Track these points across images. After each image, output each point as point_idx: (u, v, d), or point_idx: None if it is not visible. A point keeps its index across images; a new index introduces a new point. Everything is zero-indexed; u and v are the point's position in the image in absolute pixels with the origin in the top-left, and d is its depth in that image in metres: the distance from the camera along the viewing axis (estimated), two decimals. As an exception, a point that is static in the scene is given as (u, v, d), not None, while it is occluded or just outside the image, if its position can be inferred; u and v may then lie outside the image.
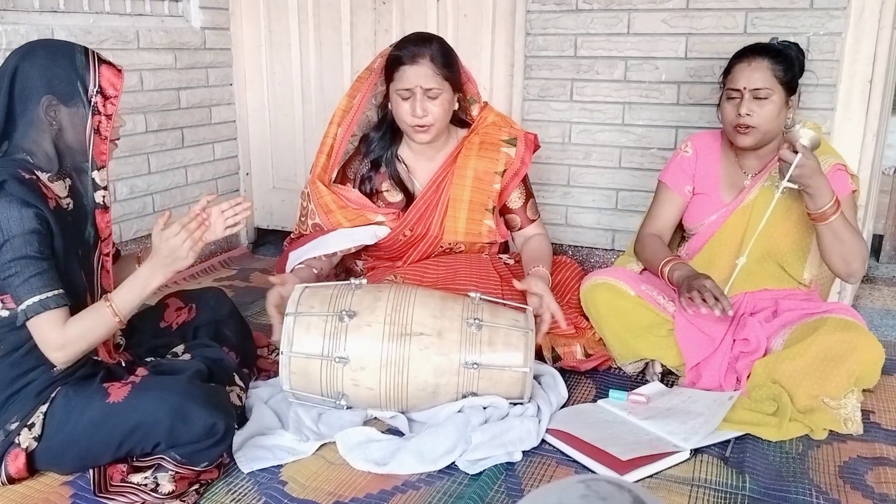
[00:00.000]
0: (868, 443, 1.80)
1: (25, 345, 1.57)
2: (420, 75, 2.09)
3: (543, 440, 1.79)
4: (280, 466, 1.68)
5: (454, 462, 1.70)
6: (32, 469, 1.59)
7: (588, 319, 2.19)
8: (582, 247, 2.90)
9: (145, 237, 2.92)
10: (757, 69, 2.01)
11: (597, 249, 2.88)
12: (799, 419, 1.83)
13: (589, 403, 1.99)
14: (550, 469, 1.70)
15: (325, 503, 1.57)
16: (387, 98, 2.24)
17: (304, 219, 2.31)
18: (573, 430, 1.79)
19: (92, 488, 1.55)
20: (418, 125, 2.13)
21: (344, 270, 2.40)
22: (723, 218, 2.17)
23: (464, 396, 1.83)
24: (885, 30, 2.33)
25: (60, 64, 1.57)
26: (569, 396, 2.00)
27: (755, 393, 1.92)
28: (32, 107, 1.55)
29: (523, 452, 1.74)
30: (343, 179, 2.34)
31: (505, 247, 2.44)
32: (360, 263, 2.39)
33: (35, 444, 1.55)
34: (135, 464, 1.60)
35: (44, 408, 1.56)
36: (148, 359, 1.80)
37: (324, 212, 2.25)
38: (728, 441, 1.78)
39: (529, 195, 2.35)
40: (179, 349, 1.86)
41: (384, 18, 3.04)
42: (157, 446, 1.55)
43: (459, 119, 2.31)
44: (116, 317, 1.57)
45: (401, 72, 2.11)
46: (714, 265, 2.12)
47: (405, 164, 2.30)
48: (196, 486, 1.58)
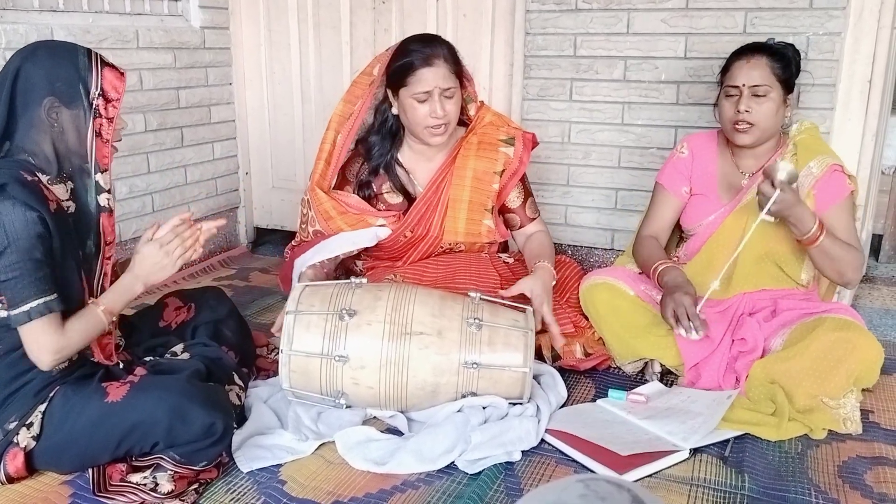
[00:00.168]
0: (867, 442, 1.81)
1: (24, 345, 1.57)
2: (439, 76, 2.08)
3: (543, 440, 1.79)
4: (279, 466, 1.68)
5: (453, 462, 1.70)
6: (31, 468, 1.59)
7: (587, 319, 2.19)
8: (581, 246, 2.90)
9: (144, 237, 2.91)
10: (756, 66, 2.02)
11: (596, 249, 2.88)
12: (798, 419, 1.83)
13: (588, 403, 1.99)
14: (550, 469, 1.70)
15: (325, 502, 1.57)
16: (384, 102, 2.23)
17: (305, 226, 2.31)
18: (572, 430, 1.79)
19: (91, 488, 1.55)
20: (435, 126, 2.12)
21: (344, 270, 2.39)
22: (721, 219, 2.17)
23: (463, 396, 1.83)
24: (885, 29, 2.33)
25: (63, 66, 1.57)
26: (568, 396, 2.00)
27: (754, 393, 1.92)
28: (34, 108, 1.55)
29: (522, 452, 1.74)
30: (342, 182, 2.33)
31: (504, 246, 2.44)
32: (360, 263, 2.39)
33: (34, 444, 1.55)
34: (134, 463, 1.60)
35: (42, 407, 1.56)
36: (147, 358, 1.80)
37: (324, 218, 2.24)
38: (727, 441, 1.78)
39: (528, 194, 2.35)
40: (178, 348, 1.86)
41: (384, 18, 3.04)
42: (156, 446, 1.55)
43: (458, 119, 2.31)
44: (111, 315, 1.63)
45: (416, 75, 2.08)
46: (712, 266, 2.12)
47: (405, 168, 2.30)
48: (195, 486, 1.58)
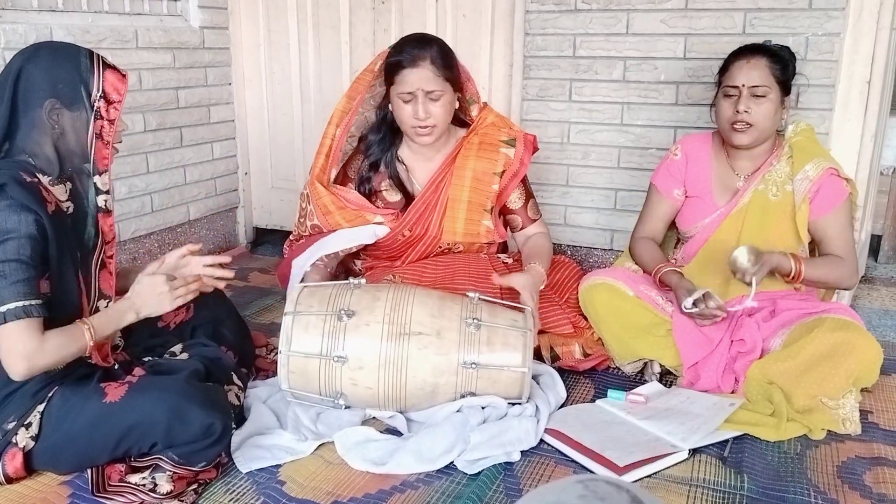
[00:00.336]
0: (866, 443, 1.81)
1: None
2: (422, 78, 2.09)
3: (542, 440, 1.79)
4: (278, 466, 1.68)
5: (453, 462, 1.70)
6: (30, 469, 1.58)
7: (586, 319, 2.19)
8: (580, 247, 2.90)
9: (143, 237, 2.91)
10: (756, 67, 2.02)
11: (595, 249, 2.88)
12: (797, 419, 1.83)
13: (587, 403, 1.99)
14: (549, 469, 1.70)
15: (324, 503, 1.57)
16: (385, 99, 2.24)
17: (303, 220, 2.31)
18: (571, 433, 1.79)
19: (90, 488, 1.55)
20: (420, 127, 2.13)
21: (343, 270, 2.40)
22: (717, 222, 2.17)
23: (462, 396, 1.83)
24: (884, 30, 2.33)
25: (65, 67, 1.56)
26: (567, 396, 2.00)
27: (752, 393, 1.92)
28: (35, 109, 1.55)
29: (522, 452, 1.74)
30: (344, 179, 2.34)
31: (503, 246, 2.44)
32: (359, 263, 2.39)
33: (32, 444, 1.55)
34: (133, 464, 1.60)
35: (41, 407, 1.56)
36: (145, 358, 1.80)
37: (322, 213, 2.25)
38: (726, 441, 1.78)
39: (529, 195, 2.35)
40: (177, 349, 1.86)
41: (383, 18, 3.03)
42: (155, 446, 1.55)
43: (459, 119, 2.31)
44: (91, 342, 1.55)
45: (401, 75, 2.10)
46: (709, 269, 2.12)
47: (404, 165, 2.30)
48: (194, 486, 1.58)
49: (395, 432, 1.83)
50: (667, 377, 2.12)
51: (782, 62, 2.04)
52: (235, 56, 3.28)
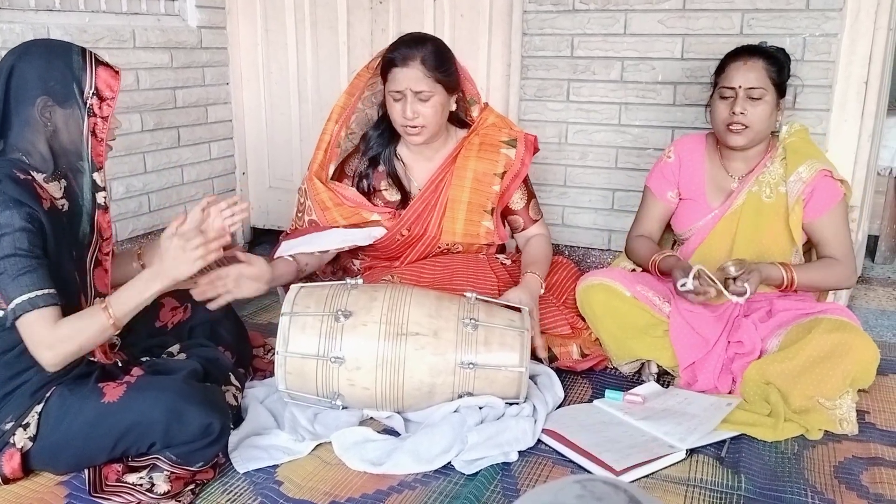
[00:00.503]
0: (863, 443, 1.81)
1: (20, 345, 1.56)
2: (410, 78, 2.09)
3: (539, 440, 1.79)
4: (276, 466, 1.68)
5: (450, 462, 1.70)
6: (27, 469, 1.58)
7: (584, 319, 2.19)
8: (578, 247, 2.90)
9: (141, 236, 2.91)
10: (752, 69, 2.02)
11: (593, 250, 2.88)
12: (794, 419, 1.83)
13: (585, 403, 1.99)
14: (546, 469, 1.70)
15: (321, 503, 1.57)
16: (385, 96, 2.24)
17: (301, 215, 2.31)
18: (569, 434, 1.79)
19: (87, 488, 1.55)
20: (409, 126, 2.14)
21: (341, 270, 2.39)
22: (711, 224, 2.17)
23: (460, 396, 1.83)
24: (881, 31, 2.34)
25: (56, 65, 1.56)
26: (565, 396, 2.00)
27: (749, 394, 1.92)
28: (27, 107, 1.54)
29: (519, 452, 1.74)
30: (341, 177, 2.34)
31: (502, 247, 2.44)
32: (357, 263, 2.39)
33: (30, 444, 1.55)
34: (130, 464, 1.60)
35: (39, 408, 1.56)
36: (143, 358, 1.80)
37: (320, 208, 2.25)
38: (724, 441, 1.78)
39: (531, 196, 2.35)
40: (175, 349, 1.85)
41: (381, 18, 3.03)
42: (153, 446, 1.55)
43: (459, 119, 2.31)
44: (111, 320, 1.54)
45: (392, 74, 2.12)
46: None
47: (403, 163, 2.30)
48: (192, 486, 1.58)
49: (393, 432, 1.83)
50: (664, 377, 2.12)
51: (778, 64, 2.05)
52: (233, 56, 3.27)
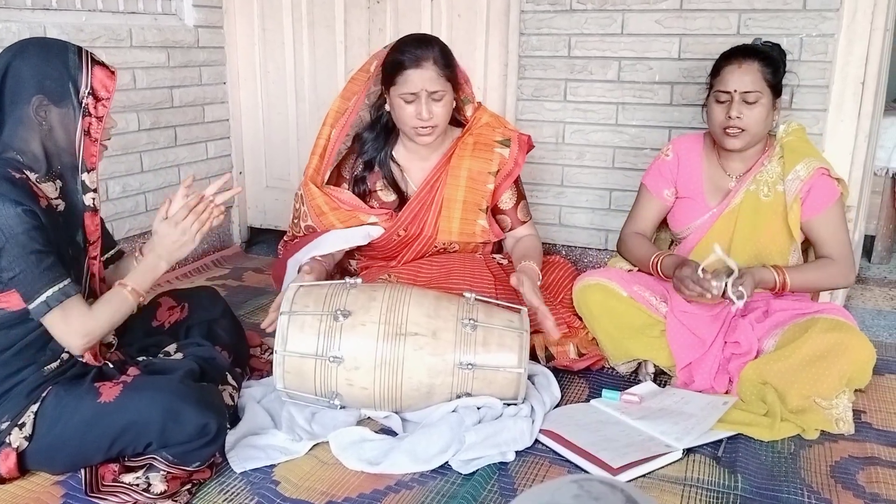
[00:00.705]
0: (859, 442, 1.81)
1: (16, 344, 1.56)
2: (425, 78, 2.08)
3: (537, 440, 1.79)
4: (273, 466, 1.68)
5: (447, 462, 1.70)
6: (23, 469, 1.58)
7: (581, 319, 2.19)
8: (575, 247, 2.90)
9: (138, 236, 2.90)
10: (747, 72, 2.02)
11: (590, 249, 2.88)
12: (791, 419, 1.84)
13: (582, 403, 2.00)
14: (543, 469, 1.70)
15: (318, 503, 1.56)
16: (380, 98, 2.24)
17: (297, 221, 2.31)
18: (566, 433, 1.79)
19: (83, 488, 1.55)
20: (422, 127, 2.13)
21: (339, 270, 2.39)
22: (709, 223, 2.17)
23: (458, 397, 1.83)
24: (878, 31, 2.34)
25: (53, 64, 1.55)
26: (562, 396, 2.00)
27: (746, 393, 1.92)
28: (23, 106, 1.54)
29: (516, 452, 1.74)
30: (338, 179, 2.34)
31: (499, 247, 2.44)
32: (354, 263, 2.39)
33: (26, 444, 1.55)
34: (126, 463, 1.59)
35: (34, 407, 1.55)
36: (140, 358, 1.79)
37: (316, 214, 2.24)
38: (720, 441, 1.78)
39: (521, 197, 2.35)
40: (172, 348, 1.85)
41: (378, 17, 3.03)
42: (149, 446, 1.55)
43: (453, 119, 2.31)
44: (139, 296, 1.65)
45: (404, 76, 2.09)
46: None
47: (399, 165, 2.30)
48: (188, 486, 1.58)
49: (391, 432, 1.83)
50: (661, 377, 2.12)
51: (774, 64, 2.04)
52: (230, 55, 3.27)
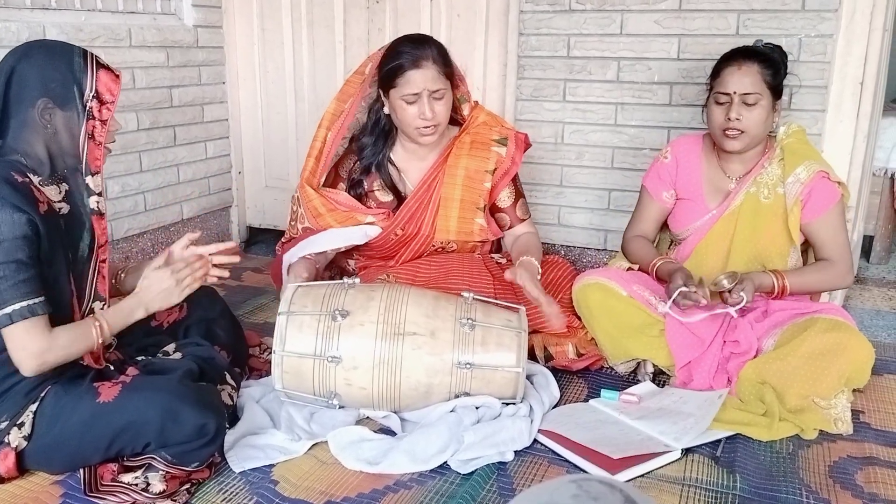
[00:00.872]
0: (858, 443, 1.81)
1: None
2: (427, 78, 2.09)
3: (535, 440, 1.79)
4: (271, 466, 1.68)
5: (446, 462, 1.70)
6: (22, 469, 1.58)
7: (580, 319, 2.19)
8: (574, 247, 2.90)
9: (136, 236, 2.91)
10: (747, 74, 2.02)
11: (589, 249, 2.88)
12: (789, 419, 1.84)
13: (581, 403, 2.00)
14: (542, 469, 1.70)
15: (317, 502, 1.56)
16: (377, 101, 2.23)
17: (294, 223, 2.31)
18: (565, 431, 1.79)
19: (82, 488, 1.55)
20: (425, 127, 2.13)
21: (337, 270, 2.39)
22: (709, 224, 2.17)
23: (456, 396, 1.83)
24: (877, 32, 2.34)
25: (58, 67, 1.55)
26: (561, 396, 2.00)
27: (744, 393, 1.92)
28: (27, 109, 1.54)
29: (515, 452, 1.74)
30: (335, 179, 2.34)
31: (497, 246, 2.44)
32: (352, 262, 2.39)
33: (25, 444, 1.55)
34: (125, 463, 1.60)
35: (33, 407, 1.55)
36: (139, 358, 1.79)
37: (313, 215, 2.24)
38: (719, 441, 1.79)
39: (519, 195, 2.35)
40: (170, 348, 1.85)
41: (377, 17, 3.03)
42: (148, 446, 1.55)
43: (451, 118, 2.31)
44: (100, 337, 1.58)
45: (405, 77, 2.09)
46: (702, 271, 2.13)
47: (396, 167, 2.30)
48: (187, 486, 1.58)
49: (389, 432, 1.83)
50: (660, 377, 2.12)
51: (774, 66, 2.04)
52: (229, 55, 3.27)
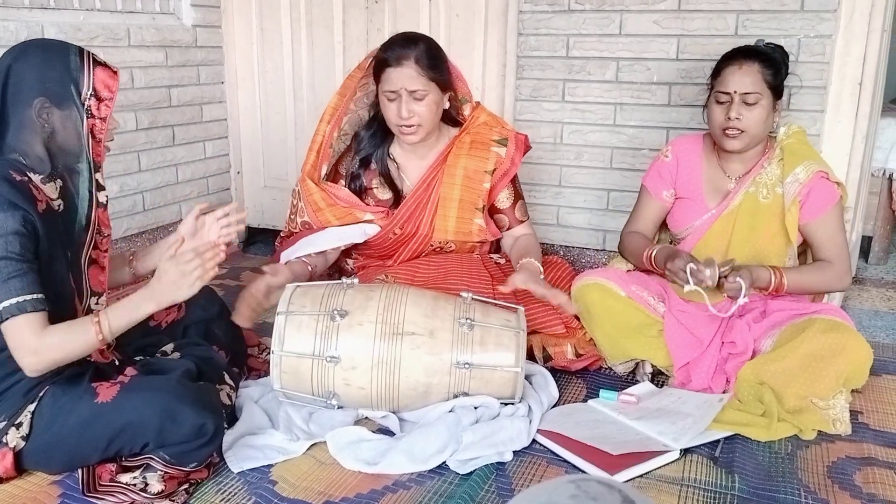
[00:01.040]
0: (856, 443, 1.81)
1: (13, 344, 1.56)
2: (404, 77, 2.09)
3: (534, 440, 1.79)
4: (270, 466, 1.68)
5: (445, 462, 1.70)
6: (20, 469, 1.58)
7: (579, 319, 2.19)
8: (573, 247, 2.90)
9: (135, 235, 2.90)
10: (748, 73, 2.02)
11: (588, 250, 2.88)
12: (788, 419, 1.84)
13: (580, 403, 2.00)
14: (541, 469, 1.70)
15: (316, 503, 1.56)
16: (377, 96, 2.24)
17: (294, 216, 2.32)
18: (564, 430, 1.79)
19: (80, 488, 1.54)
20: (405, 125, 2.14)
21: (336, 269, 2.39)
22: (708, 223, 2.17)
23: (455, 396, 1.83)
24: (875, 32, 2.34)
25: (54, 66, 1.55)
26: (560, 396, 2.00)
27: (743, 394, 1.93)
28: (25, 108, 1.54)
29: (514, 452, 1.74)
30: (336, 177, 2.34)
31: (496, 246, 2.44)
32: (351, 262, 2.39)
33: (23, 444, 1.54)
34: (124, 463, 1.59)
35: (31, 407, 1.55)
36: (137, 358, 1.79)
37: (313, 209, 2.25)
38: (717, 441, 1.79)
39: (518, 196, 2.35)
40: (169, 348, 1.85)
41: (376, 17, 3.03)
42: (146, 446, 1.54)
43: (451, 118, 2.31)
44: (100, 336, 1.51)
45: (386, 73, 2.12)
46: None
47: (396, 163, 2.30)
48: (185, 486, 1.58)
49: (388, 432, 1.83)
50: (658, 377, 2.12)
51: (775, 66, 2.04)
52: (228, 55, 3.27)
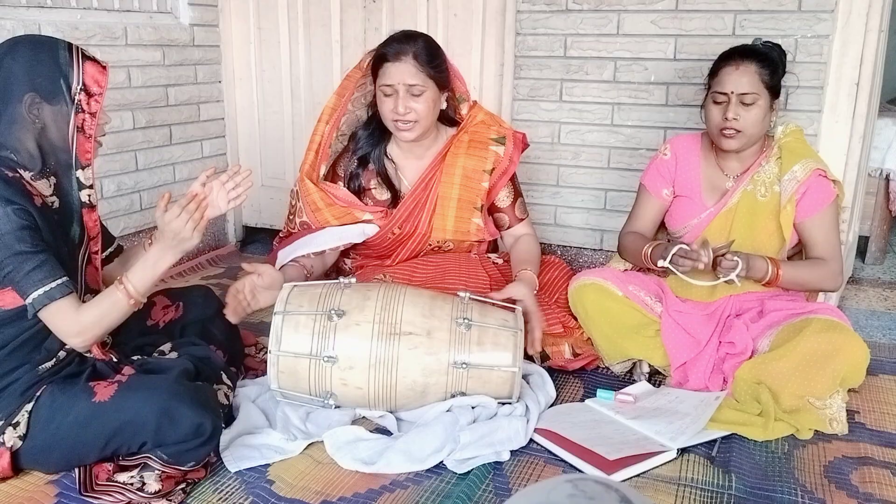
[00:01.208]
0: (853, 443, 1.82)
1: (10, 343, 1.56)
2: (402, 72, 2.10)
3: (531, 440, 1.79)
4: (267, 466, 1.68)
5: (442, 461, 1.70)
6: (17, 468, 1.58)
7: (576, 319, 2.19)
8: (570, 247, 2.90)
9: (132, 234, 2.90)
10: (745, 73, 2.02)
11: (585, 249, 2.89)
12: (785, 419, 1.84)
13: (577, 403, 2.00)
14: (538, 469, 1.70)
15: (313, 502, 1.56)
16: (375, 96, 2.24)
17: (293, 217, 2.31)
18: (561, 430, 1.79)
19: (77, 487, 1.54)
20: (400, 120, 2.14)
21: (334, 269, 2.39)
22: (706, 222, 2.18)
23: (452, 396, 1.83)
24: (872, 33, 2.35)
25: (44, 61, 1.55)
26: (557, 396, 2.00)
27: (740, 393, 1.93)
28: (15, 104, 1.53)
29: (511, 452, 1.74)
30: (334, 177, 2.34)
31: (494, 246, 2.45)
32: (349, 262, 2.39)
33: (20, 443, 1.54)
34: (121, 463, 1.59)
35: (29, 406, 1.55)
36: (135, 357, 1.79)
37: (311, 209, 2.25)
38: (714, 441, 1.79)
39: (518, 194, 2.35)
40: (166, 347, 1.85)
41: (374, 17, 3.03)
42: (144, 446, 1.54)
43: (448, 117, 2.31)
44: (131, 299, 1.59)
45: (384, 69, 2.12)
46: (698, 270, 2.13)
47: (394, 163, 2.30)
48: (183, 486, 1.57)
49: (385, 432, 1.83)
50: (655, 377, 2.12)
51: (772, 66, 2.04)
52: (225, 54, 3.26)
